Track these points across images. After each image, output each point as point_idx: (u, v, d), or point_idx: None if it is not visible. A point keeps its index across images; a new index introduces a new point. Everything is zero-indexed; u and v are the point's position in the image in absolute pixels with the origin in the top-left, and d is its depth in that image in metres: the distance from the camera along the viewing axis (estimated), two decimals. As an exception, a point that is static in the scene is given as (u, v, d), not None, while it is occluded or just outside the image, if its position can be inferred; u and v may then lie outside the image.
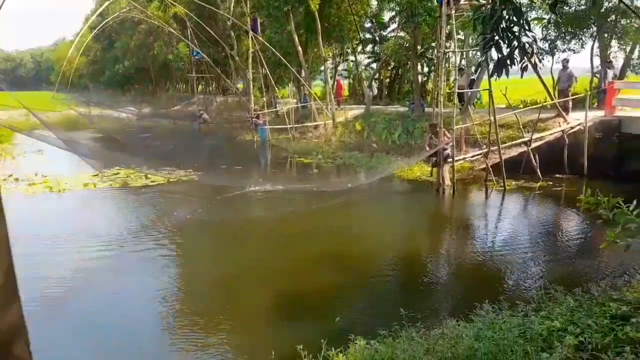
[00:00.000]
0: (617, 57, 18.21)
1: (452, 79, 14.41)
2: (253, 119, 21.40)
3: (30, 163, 16.35)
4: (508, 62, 3.47)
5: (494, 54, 3.78)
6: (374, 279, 6.93)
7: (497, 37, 3.33)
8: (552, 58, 18.81)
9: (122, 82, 51.00)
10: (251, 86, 22.29)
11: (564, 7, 15.78)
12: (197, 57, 26.67)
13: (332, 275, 7.05)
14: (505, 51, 3.45)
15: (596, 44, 17.61)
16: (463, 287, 6.72)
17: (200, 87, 42.06)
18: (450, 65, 16.13)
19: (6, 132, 20.40)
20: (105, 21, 32.81)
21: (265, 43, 22.28)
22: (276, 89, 26.14)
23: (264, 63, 21.76)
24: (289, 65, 22.22)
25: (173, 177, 13.70)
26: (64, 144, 12.33)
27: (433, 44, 17.74)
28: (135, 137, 25.20)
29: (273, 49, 21.87)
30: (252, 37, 20.86)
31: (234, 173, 14.42)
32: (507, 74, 3.58)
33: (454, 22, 11.47)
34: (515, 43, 3.38)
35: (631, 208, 4.43)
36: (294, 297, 6.34)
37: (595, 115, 13.33)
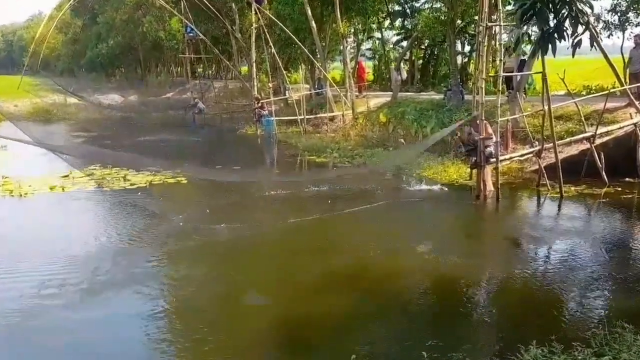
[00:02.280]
0: None
1: (498, 60, 14.03)
2: (256, 109, 21.27)
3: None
4: (556, 35, 3.16)
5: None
6: (398, 308, 6.69)
7: (540, 4, 3.02)
8: (623, 34, 18.22)
9: (105, 64, 51.69)
10: (254, 69, 22.13)
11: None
12: (191, 34, 26.71)
13: (348, 301, 6.84)
14: (552, 22, 3.15)
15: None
16: (506, 321, 6.40)
17: (199, 70, 42.32)
18: (497, 43, 15.76)
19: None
20: (86, -8, 33.23)
21: (273, 17, 22.15)
22: (285, 73, 25.98)
23: (271, 42, 21.61)
24: (300, 44, 22.04)
25: (157, 178, 13.64)
26: (31, 138, 12.36)
27: (476, 17, 17.28)
28: (118, 129, 25.33)
29: (282, 25, 21.73)
30: (255, 10, 20.72)
31: (232, 174, 14.28)
32: (553, 52, 3.26)
33: (499, -10, 11.12)
34: (566, 10, 3.06)
35: None
36: (302, 327, 6.22)
37: (677, 104, 12.81)
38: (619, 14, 17.73)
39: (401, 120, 17.81)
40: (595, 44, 12.82)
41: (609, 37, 17.97)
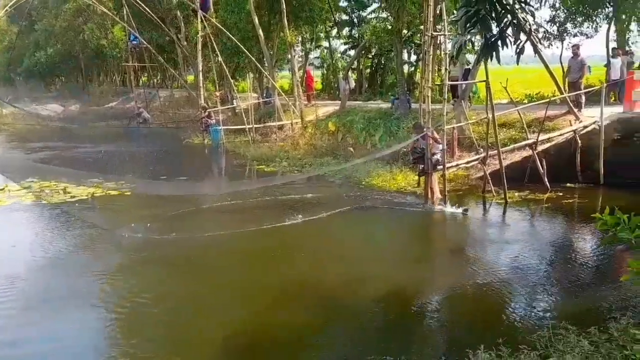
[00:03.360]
0: (637, 43, 18.55)
1: (443, 69, 14.34)
2: (203, 118, 20.98)
3: None
4: (499, 43, 3.23)
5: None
6: (349, 316, 6.65)
7: (483, 11, 3.08)
8: (562, 44, 19.04)
9: (44, 73, 49.88)
10: (201, 78, 21.87)
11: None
12: (135, 42, 26.19)
13: (300, 310, 6.82)
14: (495, 29, 3.21)
15: (612, 28, 17.85)
16: (455, 326, 6.47)
17: (143, 79, 41.51)
18: (441, 52, 16.11)
19: None
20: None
21: (219, 26, 21.96)
22: (232, 81, 25.78)
23: (218, 50, 21.40)
24: (248, 52, 21.93)
25: (99, 190, 13.24)
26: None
27: (421, 27, 17.63)
28: (58, 140, 24.48)
29: (228, 33, 21.57)
30: (201, 19, 20.49)
31: (178, 185, 13.99)
32: (497, 59, 3.33)
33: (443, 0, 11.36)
34: (508, 18, 3.14)
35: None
36: (257, 338, 6.14)
37: (613, 111, 13.39)
38: (557, 25, 18.51)
39: (350, 129, 17.91)
40: (536, 52, 13.37)
41: (548, 47, 18.73)
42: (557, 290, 7.28)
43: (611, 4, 17.34)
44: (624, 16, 17.55)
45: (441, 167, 11.38)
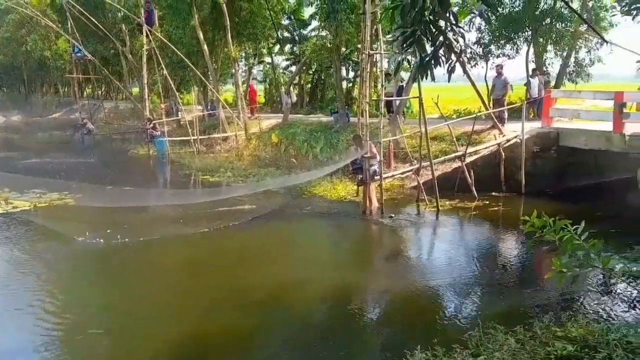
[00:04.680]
0: (553, 64, 19.45)
1: (379, 85, 14.56)
2: (148, 130, 20.45)
3: None
4: (432, 62, 3.30)
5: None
6: (286, 321, 6.60)
7: (418, 32, 3.14)
8: (486, 64, 19.72)
9: (-15, 83, 47.43)
10: (146, 90, 21.33)
11: (496, 5, 16.58)
12: (79, 55, 25.24)
13: (240, 315, 6.70)
14: (430, 49, 3.28)
15: (531, 50, 18.65)
16: (392, 328, 6.51)
17: (88, 90, 40.15)
18: (377, 69, 16.37)
19: None
20: (-38, 8, 30.51)
21: (164, 40, 21.54)
22: (178, 94, 25.30)
23: (163, 64, 20.95)
24: (192, 66, 21.61)
25: (43, 201, 12.64)
26: None
27: (359, 45, 17.96)
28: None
29: (173, 47, 21.19)
30: (146, 32, 20.02)
31: (123, 194, 13.51)
32: (432, 77, 3.40)
33: (379, 21, 11.54)
34: (441, 39, 3.21)
35: (579, 232, 4.42)
36: (192, 344, 5.99)
37: (533, 126, 13.95)
38: (482, 46, 19.17)
39: (292, 141, 17.90)
40: (464, 72, 13.81)
41: (474, 66, 19.37)
42: (486, 291, 7.47)
43: (530, 28, 18.12)
44: (541, 39, 18.36)
45: (378, 177, 11.52)
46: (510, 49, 19.29)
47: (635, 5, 6.01)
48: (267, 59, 31.17)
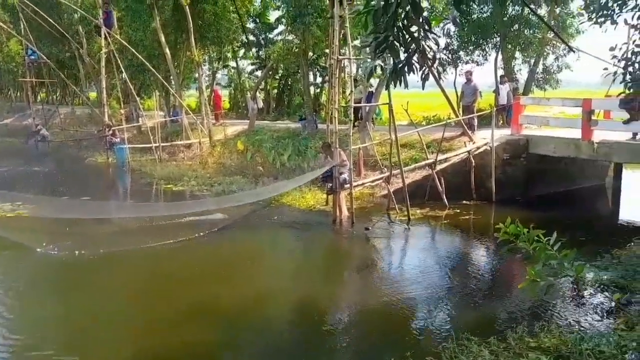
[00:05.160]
0: (522, 71, 19.91)
1: (348, 91, 14.65)
2: (107, 136, 20.05)
3: None
4: (405, 69, 3.31)
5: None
6: (255, 336, 6.52)
7: (391, 38, 3.15)
8: (455, 70, 20.06)
9: None
10: (105, 95, 20.93)
11: (468, 11, 16.87)
12: (33, 57, 24.61)
13: (205, 332, 6.56)
14: (403, 55, 3.30)
15: (500, 56, 19.05)
16: (364, 341, 6.50)
17: (42, 95, 39.16)
18: (346, 75, 16.47)
19: None
20: None
21: (123, 42, 21.21)
22: (138, 99, 24.92)
23: (122, 67, 20.61)
24: (154, 70, 21.33)
25: (-7, 212, 12.24)
26: None
27: (327, 50, 18.08)
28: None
29: (134, 50, 20.88)
30: (105, 34, 19.68)
31: (81, 206, 13.18)
32: (405, 85, 3.42)
33: (348, 25, 11.61)
34: (414, 46, 3.23)
35: (552, 241, 4.52)
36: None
37: (502, 133, 14.21)
38: (451, 52, 19.50)
39: (259, 148, 17.81)
40: (437, 79, 13.99)
41: (443, 72, 19.66)
42: (459, 301, 7.53)
43: (498, 34, 18.51)
44: (509, 46, 18.79)
45: (348, 185, 11.55)
46: (479, 56, 19.71)
47: (602, 13, 6.21)
48: (232, 63, 31.04)
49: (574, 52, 16.28)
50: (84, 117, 30.40)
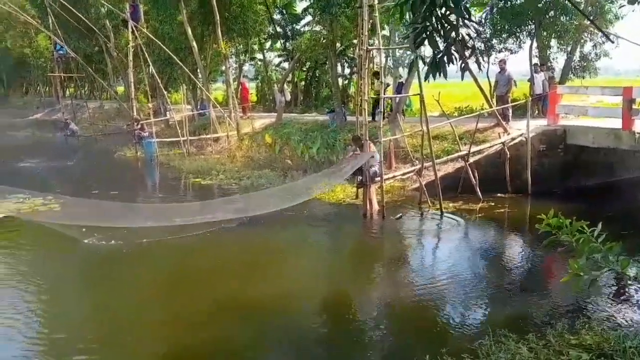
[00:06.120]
0: (558, 59, 19.52)
1: (376, 82, 14.58)
2: (135, 130, 20.35)
3: None
4: (445, 60, 3.27)
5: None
6: (284, 332, 6.56)
7: (430, 28, 3.11)
8: (488, 59, 19.74)
9: (-39, 82, 47.18)
10: (132, 89, 21.22)
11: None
12: (61, 52, 25.09)
13: (234, 328, 6.63)
14: (442, 46, 3.26)
15: (535, 44, 18.70)
16: (399, 337, 6.50)
17: (70, 89, 39.94)
18: (375, 65, 16.38)
19: None
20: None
21: (150, 36, 21.46)
22: (165, 93, 25.20)
23: (150, 61, 20.87)
24: (181, 63, 21.53)
25: (26, 206, 12.51)
26: None
27: (355, 41, 18.02)
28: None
29: (160, 44, 21.11)
30: (132, 28, 19.93)
31: (109, 199, 13.42)
32: (444, 75, 3.37)
33: (377, 14, 11.54)
34: (453, 35, 3.18)
35: (595, 233, 4.41)
36: (187, 355, 5.97)
37: (538, 124, 13.99)
38: (484, 41, 19.19)
39: (287, 141, 17.84)
40: (477, 67, 13.80)
41: (483, 59, 19.33)
42: (495, 296, 7.47)
43: (533, 21, 18.17)
44: (545, 33, 18.43)
45: (379, 179, 11.50)
46: (513, 44, 19.35)
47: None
48: (259, 56, 31.12)
49: (612, 42, 15.93)
50: (112, 112, 30.89)
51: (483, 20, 18.54)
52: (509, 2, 18.32)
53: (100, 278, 8.72)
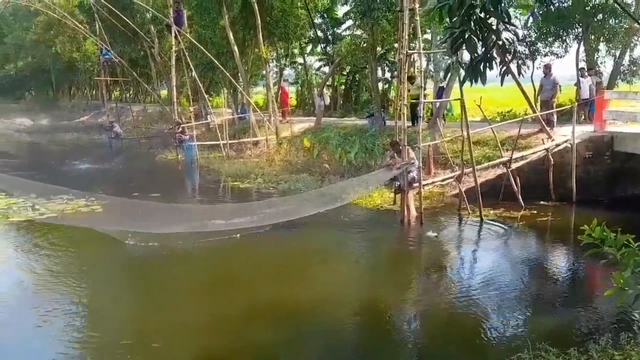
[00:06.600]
0: (605, 63, 18.95)
1: (412, 86, 14.41)
2: (177, 134, 20.70)
3: None
4: (484, 64, 3.18)
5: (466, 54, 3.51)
6: (320, 337, 6.53)
7: (468, 32, 3.03)
8: (533, 63, 19.32)
9: (14, 86, 49.01)
10: (175, 93, 21.61)
11: (550, 1, 16.25)
12: (107, 57, 25.78)
13: (269, 332, 6.62)
14: (480, 50, 3.17)
15: (582, 48, 18.20)
16: (435, 348, 6.38)
17: (116, 93, 41.01)
18: (416, 70, 16.22)
19: None
20: (-8, 9, 31.58)
21: (193, 40, 21.81)
22: (207, 97, 25.59)
23: (192, 65, 21.23)
24: (222, 68, 21.82)
25: (70, 207, 12.86)
26: None
27: (395, 45, 17.90)
28: (26, 154, 23.91)
29: (203, 48, 21.44)
30: (175, 33, 20.31)
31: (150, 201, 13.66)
32: (483, 81, 3.28)
33: (418, 19, 11.42)
34: (493, 38, 3.09)
35: (642, 247, 4.21)
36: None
37: (584, 130, 13.59)
38: (529, 44, 18.80)
39: (325, 145, 17.84)
40: (518, 73, 13.51)
41: (524, 63, 18.96)
42: (535, 308, 7.25)
43: (580, 24, 17.70)
44: (592, 37, 17.92)
45: (417, 184, 11.35)
46: (559, 47, 18.90)
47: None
48: (299, 60, 31.30)
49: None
50: (155, 115, 31.57)
51: (528, 24, 18.16)
52: (554, 5, 17.88)
53: (139, 279, 8.91)
